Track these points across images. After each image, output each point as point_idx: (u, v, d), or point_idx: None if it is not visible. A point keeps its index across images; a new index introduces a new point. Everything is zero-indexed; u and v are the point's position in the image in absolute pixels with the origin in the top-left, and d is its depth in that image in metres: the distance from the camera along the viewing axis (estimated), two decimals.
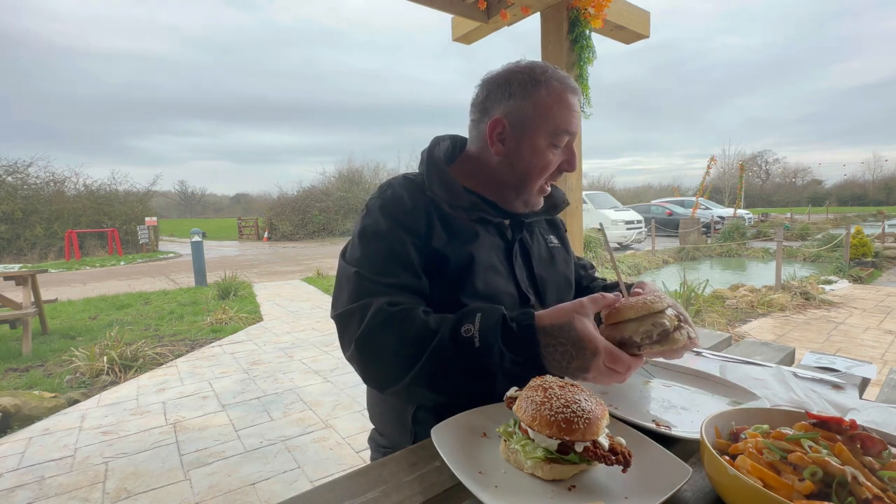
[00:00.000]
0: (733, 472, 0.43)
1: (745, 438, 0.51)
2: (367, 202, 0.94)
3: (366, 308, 0.78)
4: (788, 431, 0.49)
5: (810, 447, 0.45)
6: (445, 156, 1.01)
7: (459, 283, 0.86)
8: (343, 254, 0.90)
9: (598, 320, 0.75)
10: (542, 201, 1.01)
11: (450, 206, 0.92)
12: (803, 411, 0.55)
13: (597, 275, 1.25)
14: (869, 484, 0.40)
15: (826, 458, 0.42)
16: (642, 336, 0.70)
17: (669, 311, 0.73)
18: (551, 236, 1.10)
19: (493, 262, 0.92)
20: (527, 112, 0.91)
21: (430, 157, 0.98)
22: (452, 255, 0.87)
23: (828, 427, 0.47)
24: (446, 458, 0.58)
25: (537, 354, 0.70)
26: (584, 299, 0.72)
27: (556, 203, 1.10)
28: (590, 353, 0.68)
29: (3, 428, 2.85)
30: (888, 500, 0.39)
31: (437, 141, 1.03)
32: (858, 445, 0.45)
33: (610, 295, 0.74)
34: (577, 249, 2.94)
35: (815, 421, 0.48)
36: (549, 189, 1.00)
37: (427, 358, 0.73)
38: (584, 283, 1.21)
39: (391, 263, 0.84)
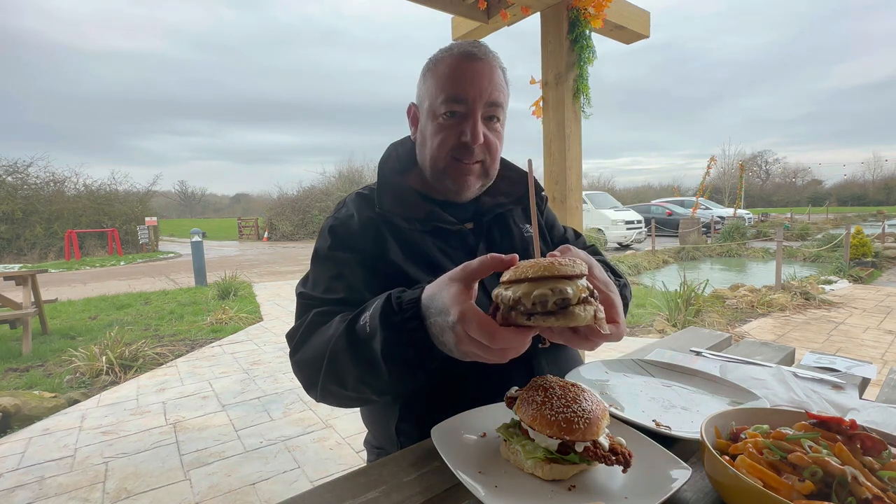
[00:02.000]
0: (733, 471, 0.43)
1: (745, 438, 0.51)
2: (323, 222, 0.96)
3: (302, 324, 0.82)
4: (788, 431, 0.49)
5: (810, 447, 0.45)
6: (402, 163, 0.99)
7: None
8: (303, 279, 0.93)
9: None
10: (470, 181, 0.91)
11: (404, 220, 0.90)
12: (803, 411, 0.55)
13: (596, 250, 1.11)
14: (869, 484, 0.40)
15: (826, 458, 0.42)
16: (534, 301, 0.53)
17: (581, 282, 0.57)
18: (527, 225, 1.03)
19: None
20: (424, 90, 0.92)
21: (381, 172, 0.97)
22: (413, 273, 0.86)
23: (828, 427, 0.47)
24: (446, 458, 0.58)
25: (416, 330, 0.62)
26: (470, 262, 0.60)
27: (523, 191, 1.01)
28: (450, 320, 0.57)
29: (3, 428, 2.85)
30: (888, 500, 0.39)
31: (392, 148, 1.02)
32: (858, 445, 0.45)
33: (506, 256, 0.59)
34: None
35: (815, 421, 0.48)
36: (470, 165, 0.90)
37: (329, 355, 0.72)
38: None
39: (334, 282, 0.85)
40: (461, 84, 0.86)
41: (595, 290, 0.59)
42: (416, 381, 0.67)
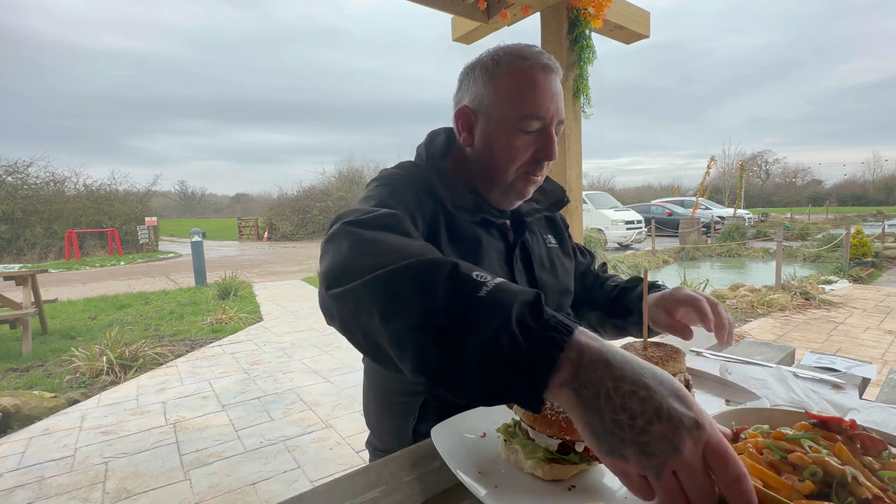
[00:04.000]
0: None
1: (745, 438, 0.51)
2: (378, 175, 0.89)
3: (373, 210, 0.69)
4: (788, 431, 0.48)
5: (810, 447, 0.45)
6: (442, 151, 0.94)
7: None
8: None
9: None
10: (530, 191, 0.91)
11: (454, 207, 0.86)
12: (803, 411, 0.54)
13: (603, 269, 1.17)
14: (869, 484, 0.40)
15: (826, 459, 0.42)
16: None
17: (679, 377, 0.71)
18: (549, 236, 1.05)
19: (496, 269, 0.87)
20: (489, 97, 0.85)
21: (430, 155, 0.91)
22: (453, 257, 0.83)
23: (828, 427, 0.46)
24: (446, 458, 0.58)
25: (553, 363, 0.41)
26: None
27: (554, 200, 1.04)
28: (681, 410, 0.38)
29: (3, 428, 2.85)
30: (888, 501, 0.39)
31: (433, 136, 0.97)
32: (858, 445, 0.45)
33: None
34: None
35: (815, 421, 0.48)
36: (538, 179, 0.90)
37: (412, 263, 0.51)
38: (590, 281, 1.13)
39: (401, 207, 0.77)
40: (542, 102, 0.82)
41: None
42: (467, 393, 0.46)
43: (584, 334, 0.43)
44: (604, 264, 1.21)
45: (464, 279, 0.47)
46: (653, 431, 0.37)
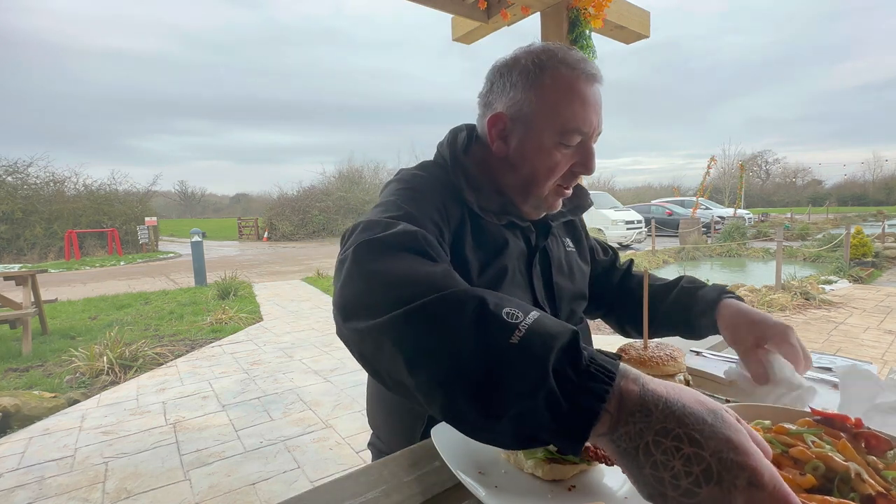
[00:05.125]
0: None
1: None
2: (397, 175, 0.85)
3: (392, 225, 0.63)
4: (791, 427, 0.48)
5: (813, 442, 0.44)
6: (463, 150, 0.88)
7: None
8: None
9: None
10: (559, 203, 0.87)
11: (480, 209, 0.82)
12: (807, 409, 0.54)
13: (632, 267, 1.13)
14: (872, 481, 0.39)
15: (829, 454, 0.42)
16: None
17: (679, 377, 0.69)
18: (567, 239, 1.01)
19: (517, 273, 0.84)
20: (529, 106, 0.78)
21: (453, 155, 0.85)
22: (478, 263, 0.78)
23: (832, 424, 0.45)
24: (446, 458, 0.58)
25: (593, 416, 0.38)
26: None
27: (578, 204, 1.00)
28: (736, 487, 0.33)
29: (3, 428, 2.84)
30: (893, 498, 0.39)
31: (455, 133, 0.90)
32: (863, 444, 0.44)
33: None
34: None
35: (819, 417, 0.47)
36: (568, 192, 0.86)
37: (426, 306, 0.46)
38: (616, 280, 1.09)
39: (423, 215, 0.72)
40: (587, 116, 0.77)
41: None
42: (501, 442, 0.44)
43: (626, 377, 0.39)
44: (630, 261, 1.16)
45: (492, 321, 0.43)
46: (700, 495, 0.33)
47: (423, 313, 0.46)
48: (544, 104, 0.77)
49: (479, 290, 0.47)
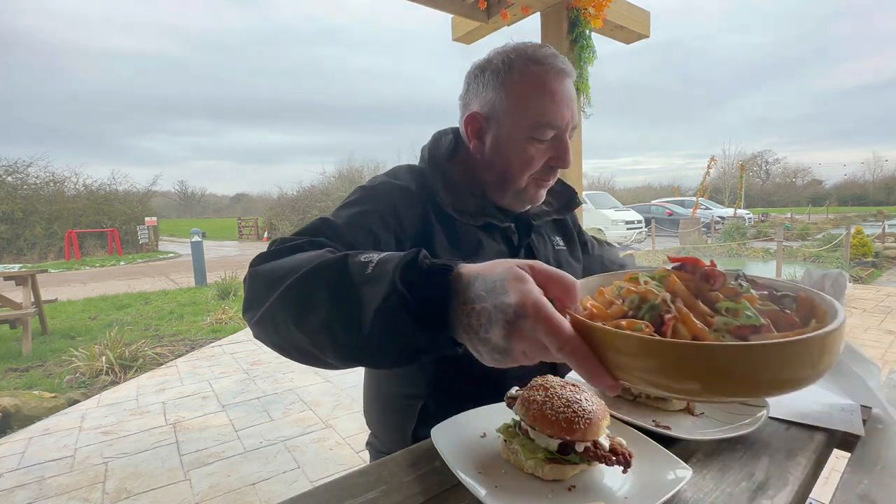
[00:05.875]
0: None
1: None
2: (369, 180, 0.88)
3: (286, 241, 0.67)
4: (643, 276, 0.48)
5: (645, 282, 0.44)
6: (447, 154, 0.92)
7: None
8: None
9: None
10: (542, 195, 0.90)
11: (455, 211, 0.84)
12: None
13: (621, 253, 1.15)
14: (673, 305, 0.40)
15: (648, 289, 0.42)
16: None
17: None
18: (557, 238, 1.02)
19: None
20: (501, 104, 0.81)
21: (431, 158, 0.89)
22: None
23: (683, 267, 0.45)
24: (446, 458, 0.58)
25: (436, 302, 0.44)
26: (546, 265, 0.45)
27: (565, 202, 1.02)
28: (509, 303, 0.40)
29: (3, 428, 2.85)
30: (681, 316, 0.39)
31: (438, 136, 0.94)
32: (710, 283, 0.43)
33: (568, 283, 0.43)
34: None
35: (674, 264, 0.46)
36: (549, 183, 0.89)
37: (301, 276, 0.53)
38: (606, 261, 1.12)
39: (359, 232, 0.74)
40: (557, 109, 0.79)
41: None
42: (383, 361, 0.50)
43: (466, 266, 0.45)
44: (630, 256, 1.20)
45: (353, 266, 0.50)
46: (491, 340, 0.41)
47: (302, 280, 0.53)
48: (515, 101, 0.80)
49: (345, 251, 0.55)
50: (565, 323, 0.39)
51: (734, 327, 0.38)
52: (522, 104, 0.80)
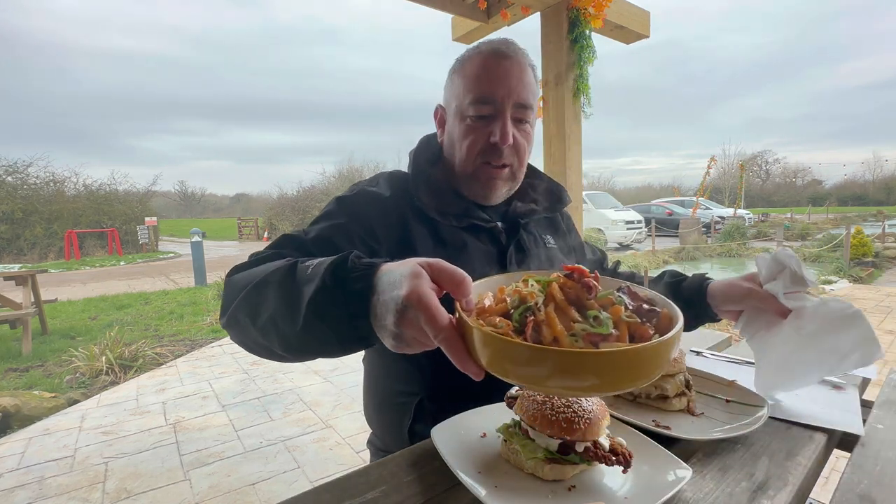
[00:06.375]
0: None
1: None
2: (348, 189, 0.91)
3: (259, 254, 0.74)
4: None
5: (532, 285, 0.50)
6: (432, 157, 0.95)
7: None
8: None
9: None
10: (499, 185, 0.90)
11: (439, 214, 0.86)
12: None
13: (620, 267, 1.14)
14: (543, 308, 0.46)
15: (532, 292, 0.48)
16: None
17: (680, 377, 0.76)
18: (548, 236, 1.03)
19: (483, 274, 0.87)
20: (449, 92, 0.90)
21: (415, 163, 0.93)
22: None
23: (571, 276, 0.50)
24: (446, 458, 0.58)
25: (359, 294, 0.50)
26: (447, 263, 0.49)
27: (555, 200, 1.03)
28: (399, 297, 0.46)
29: (3, 428, 2.85)
30: (547, 318, 0.45)
31: (425, 141, 0.97)
32: (588, 293, 0.49)
33: (459, 278, 0.48)
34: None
35: (566, 272, 0.51)
36: (502, 171, 0.89)
37: (256, 282, 0.62)
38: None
39: (326, 245, 0.78)
40: (490, 84, 0.83)
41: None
42: (323, 350, 0.56)
43: (387, 265, 0.51)
44: (617, 262, 1.19)
45: (297, 270, 0.58)
46: (387, 326, 0.47)
47: (258, 284, 0.62)
48: (459, 84, 0.87)
49: (297, 258, 0.62)
50: (443, 313, 0.44)
51: (587, 334, 0.44)
52: (462, 85, 0.86)
